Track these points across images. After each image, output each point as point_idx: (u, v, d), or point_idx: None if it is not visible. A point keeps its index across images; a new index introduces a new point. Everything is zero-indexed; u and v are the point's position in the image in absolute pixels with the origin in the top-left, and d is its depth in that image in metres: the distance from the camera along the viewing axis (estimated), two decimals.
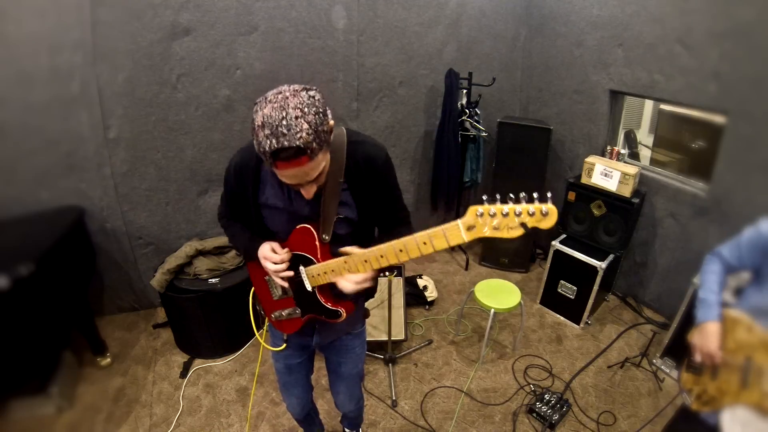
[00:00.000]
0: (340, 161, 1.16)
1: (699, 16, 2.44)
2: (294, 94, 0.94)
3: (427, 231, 1.00)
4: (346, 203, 1.21)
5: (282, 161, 0.95)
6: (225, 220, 1.44)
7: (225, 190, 1.34)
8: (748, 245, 1.32)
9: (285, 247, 1.25)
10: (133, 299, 3.00)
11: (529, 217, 0.88)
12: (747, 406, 1.26)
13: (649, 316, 3.08)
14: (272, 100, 0.94)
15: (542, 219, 0.88)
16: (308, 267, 1.25)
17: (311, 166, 0.99)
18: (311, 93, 0.97)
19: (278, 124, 0.91)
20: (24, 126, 2.29)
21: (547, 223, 0.88)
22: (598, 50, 3.06)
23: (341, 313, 1.29)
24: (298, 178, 1.03)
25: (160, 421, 2.24)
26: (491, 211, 0.91)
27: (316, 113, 0.95)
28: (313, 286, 1.27)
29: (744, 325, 1.28)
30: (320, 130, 0.96)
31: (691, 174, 2.85)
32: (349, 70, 3.02)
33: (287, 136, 0.91)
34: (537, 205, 0.88)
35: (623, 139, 3.33)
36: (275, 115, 0.92)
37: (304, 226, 1.20)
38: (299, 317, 1.38)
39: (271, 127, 0.91)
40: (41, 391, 2.23)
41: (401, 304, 2.69)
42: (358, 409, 1.87)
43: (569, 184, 3.06)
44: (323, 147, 0.99)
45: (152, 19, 2.37)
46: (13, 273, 1.85)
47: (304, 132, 0.92)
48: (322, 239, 1.19)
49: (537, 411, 2.29)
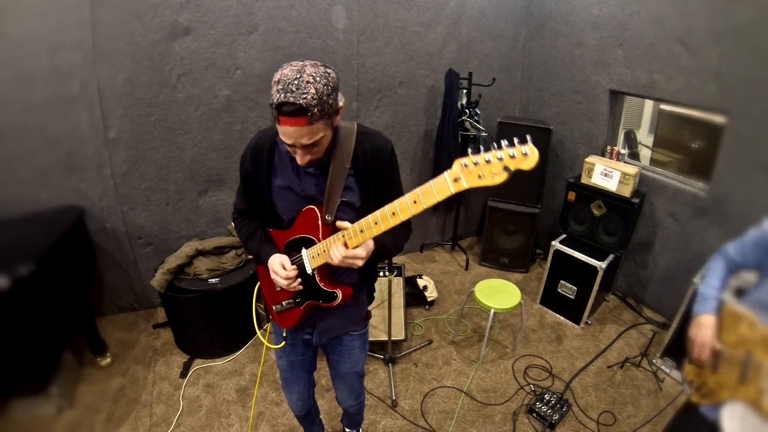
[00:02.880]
0: (348, 149, 1.24)
1: (699, 16, 2.44)
2: (313, 65, 1.07)
3: (416, 189, 1.04)
4: (351, 188, 1.28)
5: (284, 115, 1.04)
6: (239, 218, 1.48)
7: (240, 176, 1.39)
8: (751, 243, 1.36)
9: (290, 231, 1.33)
10: (133, 299, 3.00)
11: (511, 159, 0.92)
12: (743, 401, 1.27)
13: (649, 316, 3.08)
14: (293, 65, 1.07)
15: (524, 159, 0.91)
16: (309, 248, 1.30)
17: (309, 129, 1.07)
18: (329, 70, 1.08)
19: (290, 82, 1.02)
20: (24, 126, 2.29)
21: (528, 163, 0.91)
22: (598, 50, 3.06)
23: (337, 294, 1.32)
24: (293, 138, 1.09)
25: (160, 421, 2.24)
26: (475, 161, 0.94)
27: (325, 84, 1.05)
28: (313, 269, 1.31)
29: (747, 320, 1.29)
30: (325, 100, 1.05)
31: (691, 174, 2.85)
32: (349, 70, 3.02)
33: (294, 94, 1.01)
34: (518, 147, 0.91)
35: (623, 139, 3.33)
36: (291, 74, 1.03)
37: (309, 208, 1.27)
38: (299, 306, 1.40)
39: (284, 84, 1.03)
40: (41, 391, 2.22)
41: (401, 304, 2.69)
42: (358, 405, 1.87)
43: (569, 184, 3.06)
44: (324, 118, 1.08)
45: (152, 19, 2.37)
46: (13, 273, 1.85)
47: (309, 95, 1.02)
48: (325, 220, 1.25)
49: (537, 411, 2.29)
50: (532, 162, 0.91)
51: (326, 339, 1.52)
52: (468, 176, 0.96)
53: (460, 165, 0.96)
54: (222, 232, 2.99)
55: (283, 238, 1.36)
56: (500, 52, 3.57)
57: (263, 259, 1.35)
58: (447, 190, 0.99)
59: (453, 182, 0.97)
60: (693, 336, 1.39)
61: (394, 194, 1.30)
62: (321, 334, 1.49)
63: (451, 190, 0.98)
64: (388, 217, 1.10)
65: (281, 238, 1.36)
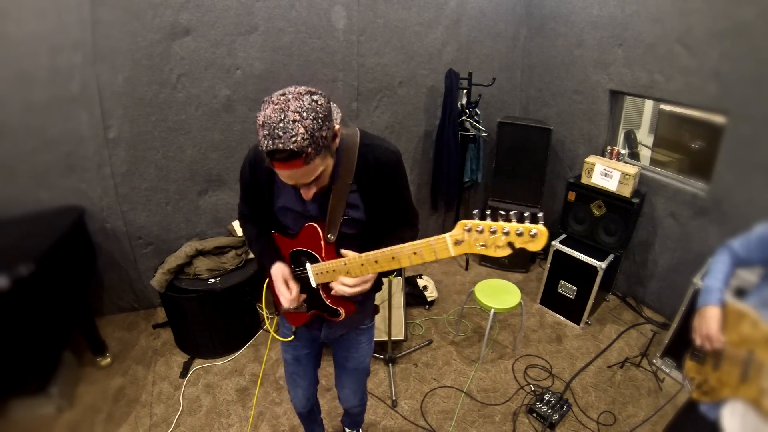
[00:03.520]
0: (351, 163, 1.17)
1: (699, 16, 2.44)
2: (297, 98, 0.95)
3: (417, 242, 1.03)
4: (355, 205, 1.23)
5: (278, 162, 0.98)
6: (242, 219, 1.48)
7: (241, 186, 1.38)
8: (757, 240, 1.36)
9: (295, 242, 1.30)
10: (133, 299, 3.00)
11: (517, 237, 0.87)
12: (744, 400, 1.27)
13: (649, 316, 3.08)
14: (275, 101, 0.96)
15: (530, 240, 0.86)
16: (314, 264, 1.28)
17: (307, 170, 1.01)
18: (315, 97, 0.97)
19: (275, 126, 0.93)
20: (24, 126, 2.29)
21: (535, 245, 0.86)
22: (598, 50, 3.06)
23: (340, 312, 1.34)
24: (294, 179, 1.05)
25: (160, 421, 2.24)
26: (479, 228, 0.91)
27: (315, 118, 0.95)
28: (317, 283, 1.30)
29: (750, 319, 1.28)
30: (318, 135, 0.96)
31: (691, 174, 2.85)
32: (349, 70, 3.02)
33: (282, 139, 0.93)
34: (527, 225, 0.86)
35: (623, 139, 3.33)
36: (274, 116, 0.94)
37: (311, 225, 1.24)
38: (305, 312, 1.41)
39: (269, 128, 0.94)
40: (41, 391, 2.22)
41: (401, 304, 2.69)
42: (361, 406, 1.87)
43: (569, 184, 3.06)
44: (321, 152, 1.00)
45: (152, 19, 2.37)
46: (13, 273, 1.85)
47: (299, 136, 0.93)
48: (327, 239, 1.22)
49: (537, 411, 2.29)
50: (540, 244, 0.86)
51: (335, 335, 1.53)
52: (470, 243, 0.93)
53: (462, 228, 0.93)
54: (222, 232, 2.99)
55: (288, 247, 1.34)
56: (500, 52, 3.57)
57: (266, 265, 1.35)
58: (447, 252, 0.98)
59: (454, 245, 0.96)
60: (697, 327, 1.38)
61: (400, 204, 1.31)
62: (329, 331, 1.50)
63: (451, 253, 0.97)
64: (388, 261, 1.11)
65: (286, 246, 1.34)
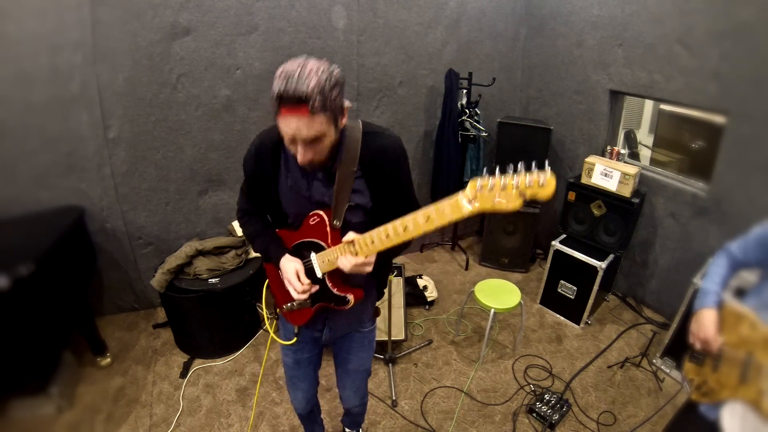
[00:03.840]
0: (355, 150, 1.20)
1: (699, 16, 2.44)
2: (317, 60, 1.05)
3: (429, 206, 1.02)
4: (359, 191, 1.25)
5: (285, 105, 1.02)
6: (244, 217, 1.47)
7: (244, 177, 1.38)
8: (754, 241, 1.36)
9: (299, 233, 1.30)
10: (133, 299, 3.00)
11: (527, 188, 0.90)
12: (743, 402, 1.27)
13: (649, 316, 3.08)
14: (297, 59, 1.05)
15: (540, 189, 0.89)
16: (319, 253, 1.28)
17: (309, 120, 1.03)
18: (333, 67, 1.06)
19: (292, 73, 1.00)
20: (24, 126, 2.29)
21: (545, 192, 0.89)
22: (598, 50, 3.06)
23: (349, 299, 1.32)
24: (293, 128, 1.05)
25: (160, 421, 2.24)
26: (490, 185, 0.93)
27: (328, 78, 1.02)
28: (323, 273, 1.30)
29: (748, 321, 1.28)
30: (328, 93, 1.02)
31: (691, 174, 2.85)
32: (349, 70, 3.02)
33: (295, 82, 1.00)
34: (535, 176, 0.89)
35: (623, 139, 3.33)
36: (293, 66, 1.02)
37: (316, 212, 1.25)
38: (309, 307, 1.39)
39: (286, 75, 1.01)
40: (41, 391, 2.22)
41: (401, 304, 2.69)
42: (362, 406, 1.87)
43: (569, 184, 3.06)
44: (327, 112, 1.04)
45: (152, 19, 2.37)
46: (13, 273, 1.85)
47: (311, 84, 1.00)
48: (333, 225, 1.23)
49: (537, 411, 2.29)
50: (549, 191, 0.88)
51: (337, 336, 1.53)
52: (483, 199, 0.94)
53: (475, 187, 0.94)
54: (222, 232, 2.99)
55: (291, 239, 1.34)
56: (500, 52, 3.57)
57: (273, 258, 1.33)
58: (461, 212, 0.97)
59: (468, 203, 0.96)
60: (693, 330, 1.38)
61: (403, 193, 1.30)
62: (331, 332, 1.50)
63: (467, 209, 0.96)
64: (400, 232, 1.08)
65: (290, 239, 1.34)
